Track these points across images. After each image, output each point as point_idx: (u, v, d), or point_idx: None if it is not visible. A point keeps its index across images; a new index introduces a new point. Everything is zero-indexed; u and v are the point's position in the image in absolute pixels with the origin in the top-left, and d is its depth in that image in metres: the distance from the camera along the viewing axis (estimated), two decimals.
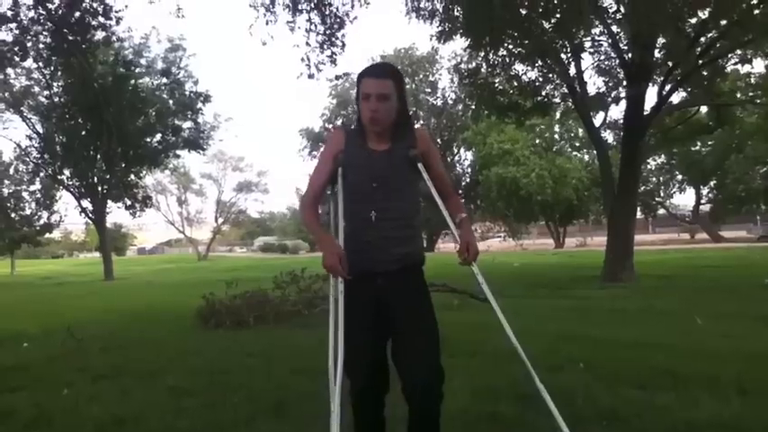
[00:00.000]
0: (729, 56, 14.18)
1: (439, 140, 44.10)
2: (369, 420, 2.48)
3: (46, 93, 26.48)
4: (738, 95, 16.81)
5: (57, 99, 26.41)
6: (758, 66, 18.85)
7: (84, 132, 26.96)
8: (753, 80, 16.28)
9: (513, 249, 40.80)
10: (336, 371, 2.27)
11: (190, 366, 5.46)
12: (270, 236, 70.58)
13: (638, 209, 25.20)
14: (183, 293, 13.70)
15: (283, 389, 4.47)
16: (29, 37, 13.97)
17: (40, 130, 27.60)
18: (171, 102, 28.07)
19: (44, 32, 13.80)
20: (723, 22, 12.15)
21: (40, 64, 21.75)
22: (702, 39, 12.86)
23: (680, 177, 40.19)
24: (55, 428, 3.79)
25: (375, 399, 2.48)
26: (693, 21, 12.28)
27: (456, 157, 47.66)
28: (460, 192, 44.22)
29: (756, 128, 22.60)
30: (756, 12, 11.67)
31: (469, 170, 45.41)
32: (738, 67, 15.26)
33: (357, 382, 2.39)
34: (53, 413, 4.09)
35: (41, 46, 15.66)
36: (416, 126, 2.65)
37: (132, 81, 26.18)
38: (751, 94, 16.67)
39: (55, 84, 25.78)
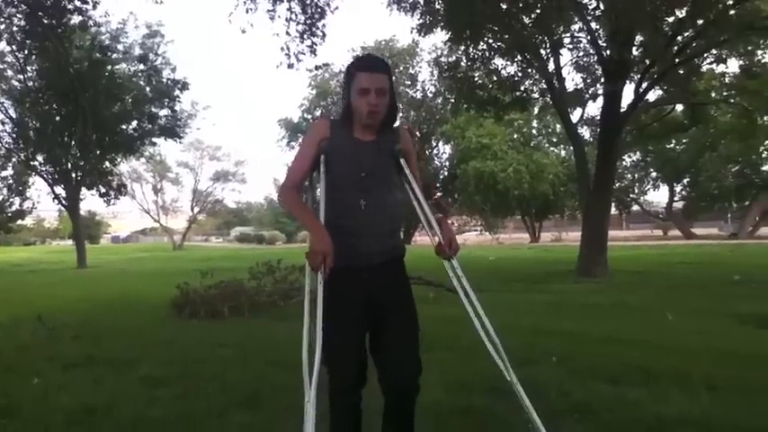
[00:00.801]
0: (705, 55, 14.37)
1: (418, 133, 44.11)
2: (348, 414, 2.46)
3: (20, 77, 25.98)
4: (713, 95, 17.02)
5: (31, 83, 25.94)
6: (733, 66, 19.16)
7: (58, 118, 26.53)
8: (727, 80, 16.49)
9: (489, 243, 41.03)
10: (314, 361, 2.25)
11: (163, 356, 5.42)
12: (246, 226, 70.17)
13: (613, 205, 25.44)
14: (158, 283, 13.58)
15: (258, 380, 4.46)
16: (2, 19, 13.74)
17: (13, 115, 27.11)
18: (148, 89, 27.72)
19: (18, 15, 13.58)
20: (700, 22, 12.29)
21: (14, 47, 21.37)
22: (679, 38, 13.00)
23: (654, 174, 40.65)
24: (24, 418, 3.74)
25: (357, 394, 2.47)
26: (671, 19, 12.39)
27: (434, 151, 47.76)
28: (438, 185, 44.37)
29: (730, 127, 22.87)
30: (732, 12, 11.84)
31: (447, 164, 45.51)
32: (714, 66, 15.46)
33: (344, 381, 2.37)
34: (22, 402, 4.04)
35: (15, 29, 15.40)
36: (398, 123, 2.65)
37: (109, 67, 25.79)
38: (725, 93, 16.88)
39: (29, 68, 25.30)
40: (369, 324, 2.40)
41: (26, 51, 20.85)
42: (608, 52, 13.64)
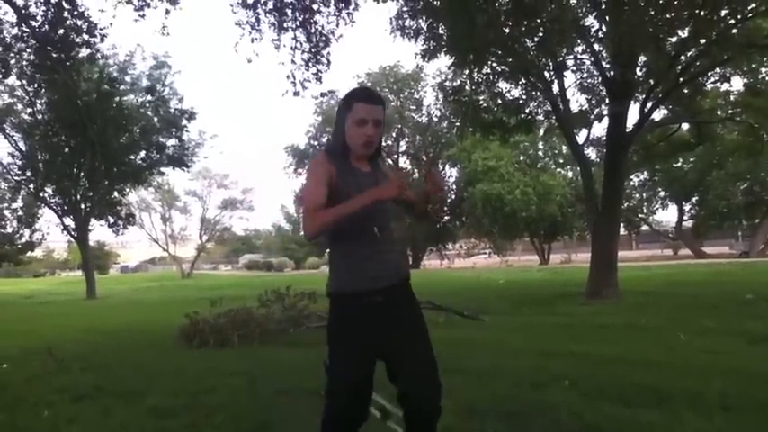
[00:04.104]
0: (709, 74, 14.41)
1: (424, 157, 44.26)
2: None
3: (29, 110, 26.33)
4: (718, 113, 17.06)
5: (40, 116, 26.27)
6: (737, 83, 19.21)
7: (67, 149, 26.82)
8: (732, 98, 16.53)
9: (498, 266, 40.89)
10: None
11: (172, 386, 5.39)
12: (255, 253, 70.25)
13: (622, 225, 25.37)
14: (167, 312, 13.58)
15: (268, 409, 4.43)
16: (12, 54, 13.91)
17: (23, 148, 27.39)
18: (155, 119, 27.99)
19: (27, 50, 13.75)
20: (702, 41, 12.35)
21: (24, 81, 21.66)
22: (682, 57, 13.05)
23: (662, 194, 40.54)
24: None
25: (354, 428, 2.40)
26: (673, 40, 12.46)
27: (441, 174, 47.85)
28: (446, 209, 44.36)
29: (736, 145, 22.89)
30: (734, 31, 11.89)
31: (455, 187, 45.57)
32: (718, 85, 15.51)
33: (342, 412, 2.33)
34: None
35: (25, 63, 15.60)
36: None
37: (117, 98, 26.08)
38: (731, 111, 16.92)
39: (38, 101, 25.64)
40: (380, 353, 2.38)
41: (35, 85, 21.13)
42: (611, 73, 13.70)
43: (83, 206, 27.54)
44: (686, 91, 14.56)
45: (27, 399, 5.14)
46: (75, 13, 12.18)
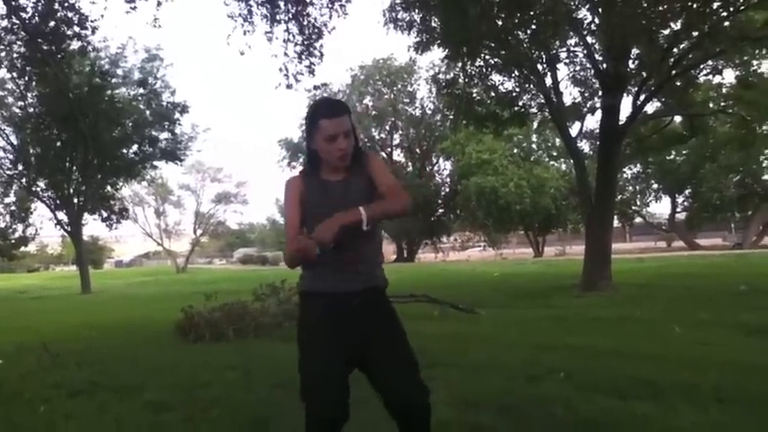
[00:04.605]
0: (701, 67, 14.41)
1: (418, 150, 44.32)
2: None
3: (20, 103, 26.17)
4: (711, 105, 17.07)
5: (31, 109, 26.09)
6: (729, 76, 19.16)
7: (59, 143, 26.64)
8: (724, 90, 16.55)
9: (492, 259, 40.98)
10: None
11: (168, 381, 5.40)
12: (249, 247, 70.20)
13: (615, 217, 25.43)
14: (162, 306, 13.57)
15: (264, 403, 4.44)
16: (2, 47, 13.80)
17: (14, 141, 27.24)
18: (148, 112, 27.83)
19: (18, 42, 13.62)
20: (695, 34, 12.36)
21: (14, 74, 21.45)
22: (675, 50, 13.06)
23: (655, 186, 40.63)
24: None
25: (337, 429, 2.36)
26: (666, 32, 12.46)
27: (435, 167, 47.87)
28: (440, 201, 44.39)
29: (729, 137, 22.92)
30: (726, 24, 11.91)
31: (448, 180, 45.61)
32: (710, 77, 15.52)
33: (322, 412, 2.28)
34: (28, 431, 4.02)
35: (15, 56, 15.48)
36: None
37: (108, 91, 25.92)
38: (723, 104, 16.93)
39: (29, 94, 25.44)
40: (355, 357, 2.36)
41: (26, 78, 20.87)
42: (604, 66, 13.71)
43: (76, 200, 27.42)
44: (679, 83, 14.56)
45: (22, 394, 5.14)
46: (66, 4, 12.06)
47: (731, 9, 11.55)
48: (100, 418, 4.28)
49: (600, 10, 12.22)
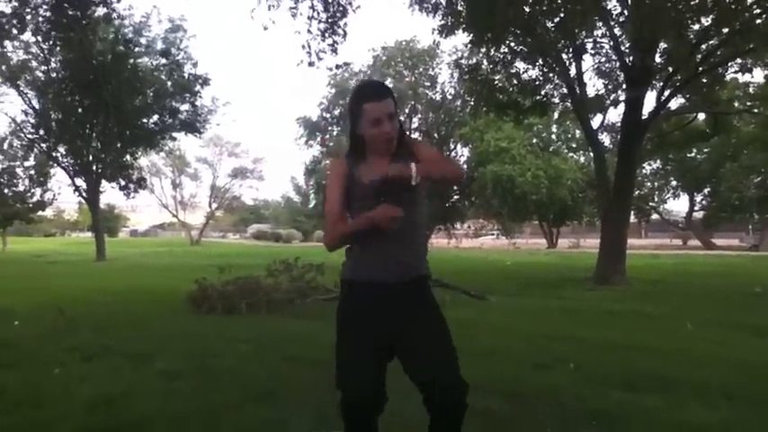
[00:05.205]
0: (729, 64, 14.23)
1: (436, 135, 44.03)
2: None
3: (43, 68, 26.20)
4: (736, 104, 16.88)
5: (54, 74, 26.14)
6: (758, 76, 18.88)
7: (80, 109, 26.75)
8: (752, 90, 16.34)
9: (505, 248, 40.90)
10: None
11: (180, 349, 5.46)
12: (263, 224, 70.44)
13: (632, 213, 25.26)
14: (175, 277, 13.69)
15: (274, 376, 4.49)
16: (28, 10, 13.83)
17: (36, 106, 27.36)
18: (169, 83, 27.84)
19: (44, 6, 13.68)
20: (725, 31, 12.18)
21: (39, 38, 21.50)
22: (704, 46, 12.89)
23: (674, 183, 40.30)
24: (46, 407, 3.79)
25: (371, 418, 2.38)
26: (696, 27, 12.29)
27: (452, 153, 47.63)
28: (455, 187, 44.26)
29: (752, 137, 22.70)
30: (758, 21, 11.72)
31: (465, 166, 45.39)
32: (738, 75, 15.33)
33: (356, 401, 2.30)
34: (44, 392, 4.09)
35: (41, 19, 15.52)
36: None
37: (131, 60, 25.93)
38: (749, 103, 16.74)
39: (53, 59, 25.49)
40: (392, 346, 2.34)
41: (50, 42, 20.99)
42: (630, 59, 13.56)
43: (94, 168, 27.57)
44: (705, 80, 14.39)
45: (38, 356, 5.23)
46: None
47: (766, 6, 11.34)
48: (114, 382, 4.34)
49: (629, 1, 12.07)
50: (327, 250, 2.41)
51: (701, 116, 19.09)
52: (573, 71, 14.50)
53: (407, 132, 2.54)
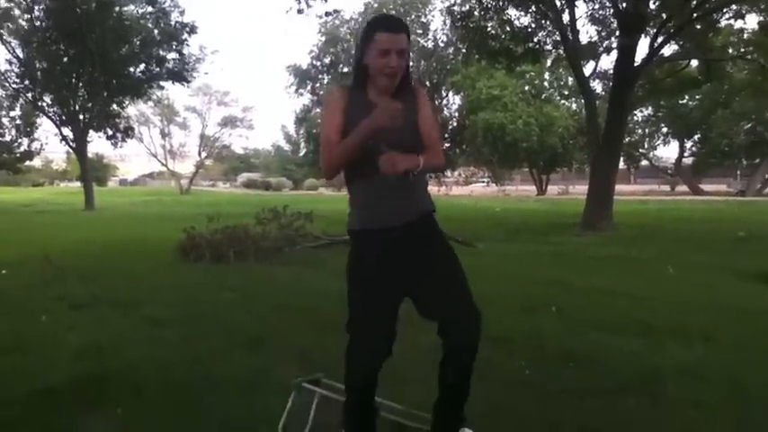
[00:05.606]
0: (724, 10, 14.04)
1: (428, 83, 43.62)
2: (368, 387, 2.41)
3: (27, 16, 25.64)
4: (730, 51, 16.71)
5: (38, 23, 25.61)
6: (751, 21, 18.59)
7: (65, 59, 26.29)
8: (745, 36, 16.16)
9: (495, 195, 41.00)
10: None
11: (168, 298, 5.50)
12: (253, 172, 70.14)
13: (622, 159, 25.26)
14: (164, 226, 13.67)
15: (261, 324, 4.54)
16: None
17: (20, 55, 26.85)
18: (156, 31, 27.29)
19: None
20: None
21: None
22: None
23: (665, 130, 40.27)
24: (33, 355, 3.83)
25: (379, 362, 2.34)
26: None
27: (444, 101, 47.27)
28: (446, 135, 44.08)
29: (745, 83, 22.55)
30: None
31: (457, 114, 45.11)
32: (732, 22, 15.14)
33: (369, 344, 2.30)
34: (31, 340, 4.13)
35: None
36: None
37: (116, 8, 25.37)
38: (742, 50, 16.57)
39: (36, 7, 24.97)
40: (405, 289, 2.32)
41: None
42: (624, 5, 13.35)
43: (81, 117, 27.22)
44: (699, 27, 14.22)
45: (26, 305, 5.26)
46: None
47: None
48: (101, 330, 4.38)
49: None
50: (326, 178, 2.37)
51: (694, 63, 18.93)
52: (566, 18, 14.28)
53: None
